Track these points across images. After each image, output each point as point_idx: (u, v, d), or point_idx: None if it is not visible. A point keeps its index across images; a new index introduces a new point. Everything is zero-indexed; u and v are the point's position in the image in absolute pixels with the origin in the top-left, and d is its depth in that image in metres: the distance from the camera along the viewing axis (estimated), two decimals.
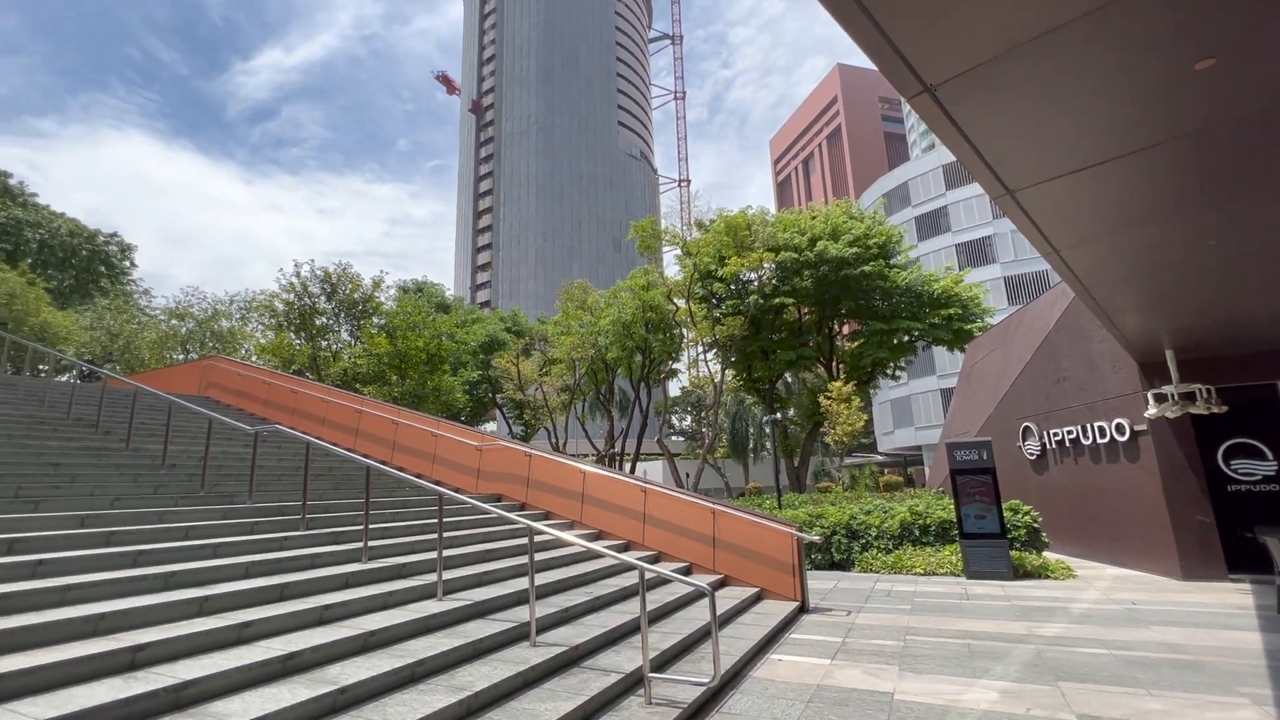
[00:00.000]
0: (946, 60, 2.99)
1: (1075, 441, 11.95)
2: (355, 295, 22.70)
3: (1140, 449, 10.32)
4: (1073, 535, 12.36)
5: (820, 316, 25.47)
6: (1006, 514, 10.85)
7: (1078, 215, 4.93)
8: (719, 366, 24.71)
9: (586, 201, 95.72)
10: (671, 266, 27.46)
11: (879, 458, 55.25)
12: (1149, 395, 9.84)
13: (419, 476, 11.03)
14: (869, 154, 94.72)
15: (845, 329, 28.24)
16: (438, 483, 10.87)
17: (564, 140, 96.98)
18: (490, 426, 43.27)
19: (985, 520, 10.50)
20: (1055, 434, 12.57)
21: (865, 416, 22.69)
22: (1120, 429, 10.67)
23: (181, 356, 28.08)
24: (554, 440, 28.59)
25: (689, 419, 51.35)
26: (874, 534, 11.79)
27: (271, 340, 22.23)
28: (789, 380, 33.81)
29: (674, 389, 46.66)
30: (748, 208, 24.49)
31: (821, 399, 22.86)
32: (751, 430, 42.50)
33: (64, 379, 23.78)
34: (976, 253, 45.76)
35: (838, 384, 22.22)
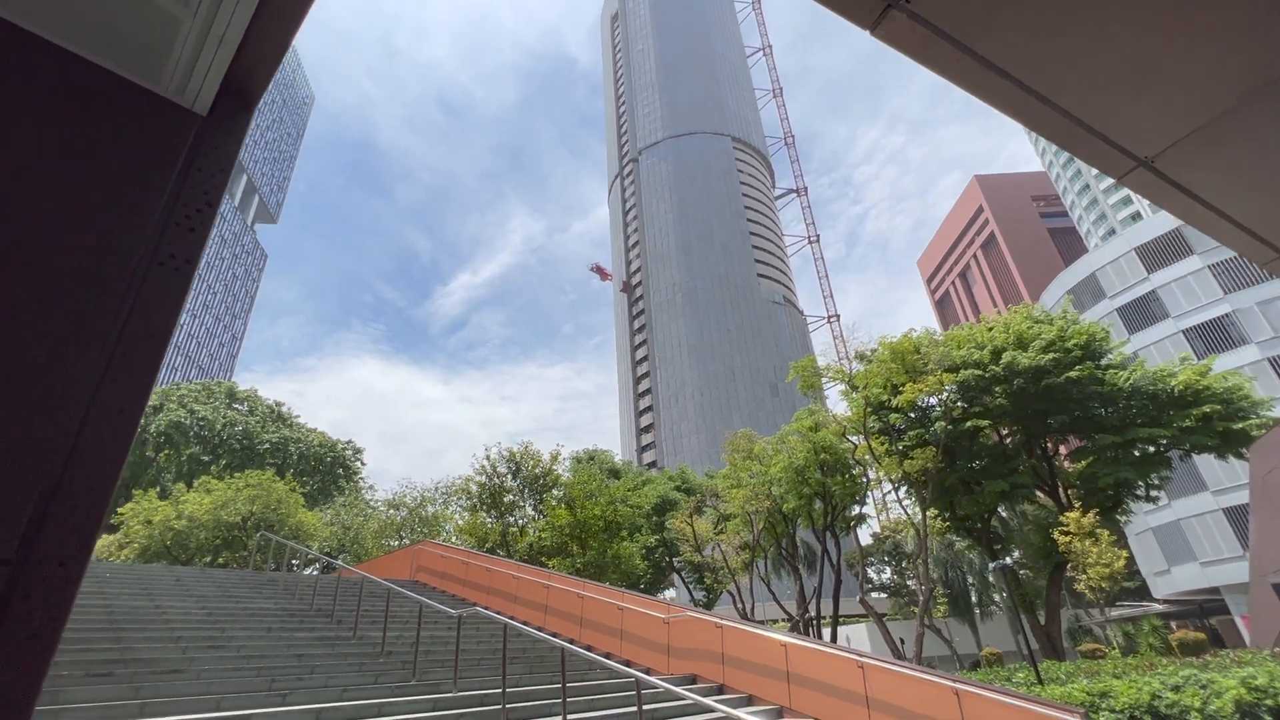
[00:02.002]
0: (1164, 128, 2.59)
1: None
2: (536, 470, 24.44)
3: None
4: None
5: (1027, 435, 22.04)
6: None
7: None
8: (915, 507, 21.88)
9: (738, 353, 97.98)
10: (838, 404, 26.16)
11: (1158, 606, 42.98)
12: None
13: (608, 655, 10.58)
14: (1035, 254, 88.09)
15: (1064, 447, 24.01)
16: (627, 662, 10.26)
17: (708, 301, 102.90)
18: (670, 594, 41.50)
19: None
20: None
21: (1124, 554, 18.17)
22: None
23: (396, 543, 31.54)
24: (739, 605, 26.40)
25: (888, 570, 45.07)
26: None
27: (468, 520, 24.29)
28: (1004, 515, 28.76)
29: (864, 536, 41.87)
30: (910, 330, 23.12)
31: (1057, 535, 18.92)
32: (971, 580, 35.92)
33: (309, 571, 27.74)
34: (1215, 336, 38.01)
35: (1074, 515, 18.39)
